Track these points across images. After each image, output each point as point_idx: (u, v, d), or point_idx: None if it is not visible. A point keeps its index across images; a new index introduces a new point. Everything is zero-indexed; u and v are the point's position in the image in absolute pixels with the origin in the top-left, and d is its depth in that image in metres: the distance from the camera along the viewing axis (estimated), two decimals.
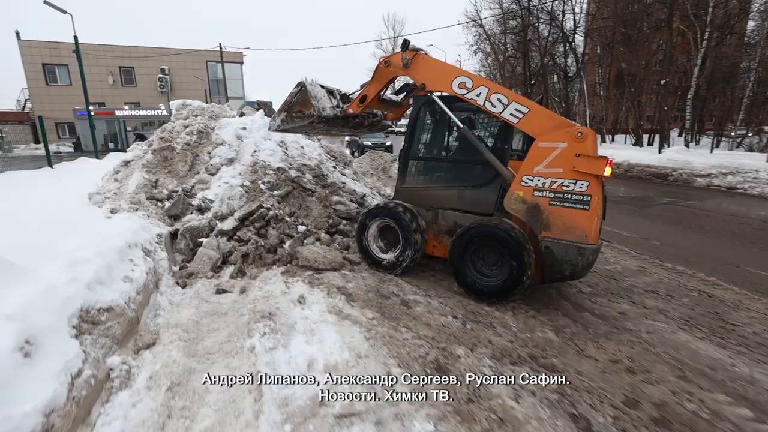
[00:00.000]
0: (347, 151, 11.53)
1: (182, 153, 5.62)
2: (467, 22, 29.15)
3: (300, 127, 4.72)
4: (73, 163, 10.33)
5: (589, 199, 3.36)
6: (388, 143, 19.19)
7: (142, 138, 23.63)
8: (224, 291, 3.90)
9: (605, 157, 3.37)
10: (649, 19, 23.67)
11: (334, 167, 7.01)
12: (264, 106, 7.16)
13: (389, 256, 4.42)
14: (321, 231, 5.09)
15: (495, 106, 3.80)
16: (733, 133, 21.29)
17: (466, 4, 39.34)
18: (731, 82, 23.83)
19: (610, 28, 22.89)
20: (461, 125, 4.01)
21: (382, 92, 4.75)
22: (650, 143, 24.85)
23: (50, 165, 9.30)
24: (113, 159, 9.47)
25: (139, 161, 5.58)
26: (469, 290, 3.91)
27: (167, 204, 5.00)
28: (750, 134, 20.87)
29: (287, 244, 4.69)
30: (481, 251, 3.88)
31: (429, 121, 4.53)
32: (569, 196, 3.42)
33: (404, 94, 5.23)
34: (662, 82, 15.52)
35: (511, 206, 3.70)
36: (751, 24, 23.66)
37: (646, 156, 15.32)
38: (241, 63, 34.85)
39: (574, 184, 3.40)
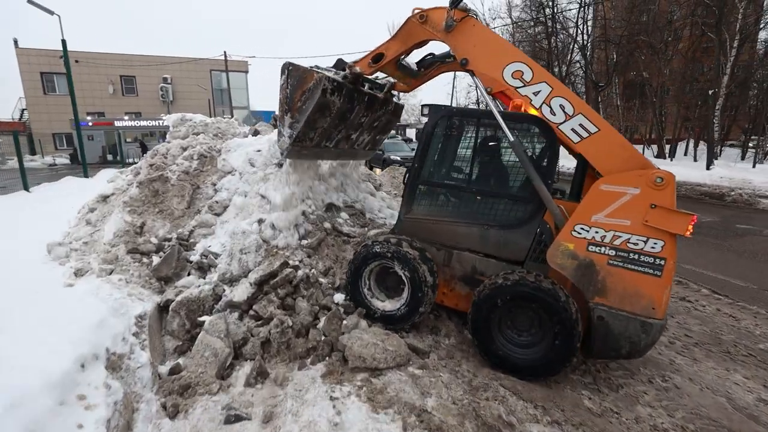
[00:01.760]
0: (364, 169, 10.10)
1: (179, 185, 4.24)
2: None
3: (314, 120, 3.62)
4: (55, 185, 9.00)
5: (662, 263, 2.70)
6: None
7: (144, 148, 22.21)
8: (238, 417, 2.48)
9: (690, 213, 2.64)
10: (670, 27, 22.56)
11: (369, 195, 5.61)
12: None
13: (391, 308, 3.45)
14: None
15: (554, 114, 2.98)
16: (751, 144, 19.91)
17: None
18: (745, 92, 22.70)
19: (626, 37, 21.66)
20: (512, 138, 3.03)
21: (402, 56, 3.78)
22: (671, 155, 23.59)
23: (26, 188, 7.96)
24: (105, 176, 8.14)
25: (120, 197, 4.20)
26: (497, 363, 3.10)
27: (155, 259, 3.60)
28: None
29: (322, 322, 3.27)
30: (511, 314, 3.10)
31: (450, 138, 3.55)
32: (636, 256, 2.75)
33: (426, 66, 4.02)
34: (710, 92, 14.19)
35: (557, 261, 2.95)
36: (762, 35, 22.54)
37: (693, 173, 13.92)
38: (246, 72, 33.79)
39: (645, 242, 2.72)
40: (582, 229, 2.86)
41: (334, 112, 3.69)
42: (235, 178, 4.40)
